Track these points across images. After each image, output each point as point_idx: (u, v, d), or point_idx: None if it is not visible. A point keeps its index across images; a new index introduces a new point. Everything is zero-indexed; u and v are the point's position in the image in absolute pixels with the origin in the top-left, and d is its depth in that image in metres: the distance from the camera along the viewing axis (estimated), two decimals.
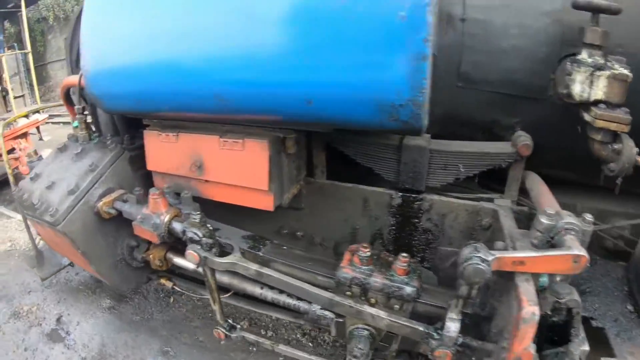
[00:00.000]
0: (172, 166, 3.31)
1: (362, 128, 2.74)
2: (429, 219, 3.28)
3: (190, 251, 3.01)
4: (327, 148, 3.45)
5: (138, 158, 3.74)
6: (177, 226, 3.12)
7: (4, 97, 10.92)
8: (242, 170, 2.97)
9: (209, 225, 3.09)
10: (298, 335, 4.70)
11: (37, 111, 10.25)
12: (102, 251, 3.70)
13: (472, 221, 3.11)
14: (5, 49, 11.03)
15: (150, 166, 3.50)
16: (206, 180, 3.20)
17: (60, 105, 5.92)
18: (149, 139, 3.39)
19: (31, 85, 11.05)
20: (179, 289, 4.10)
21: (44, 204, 3.43)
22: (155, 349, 4.56)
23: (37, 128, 10.60)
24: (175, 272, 4.16)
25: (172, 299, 5.13)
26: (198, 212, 3.04)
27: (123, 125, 3.89)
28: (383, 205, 3.40)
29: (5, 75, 10.33)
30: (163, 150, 3.31)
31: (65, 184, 3.45)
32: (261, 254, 3.34)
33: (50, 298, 5.56)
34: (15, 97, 10.36)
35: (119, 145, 3.70)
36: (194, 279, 4.16)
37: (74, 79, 3.80)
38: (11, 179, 4.95)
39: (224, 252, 3.14)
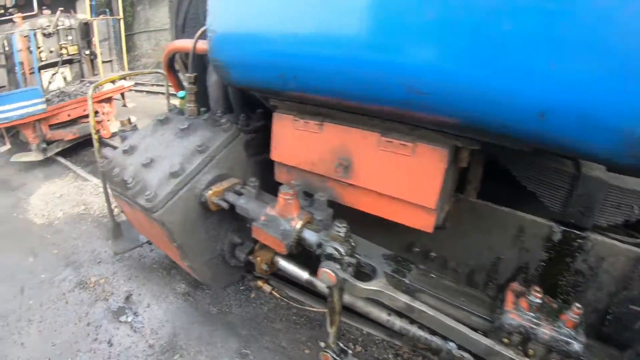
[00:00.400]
0: (307, 160, 2.85)
1: (580, 155, 2.17)
2: (585, 260, 2.81)
3: (326, 270, 2.46)
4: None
5: (254, 143, 3.32)
6: (311, 237, 2.59)
7: (92, 61, 10.95)
8: (404, 179, 2.45)
9: (352, 241, 2.56)
10: (390, 356, 4.18)
11: (124, 78, 10.22)
12: (200, 246, 3.27)
13: (631, 269, 2.65)
14: (97, 14, 11.06)
15: (275, 155, 3.06)
16: (351, 184, 2.72)
17: (153, 72, 5.65)
18: (280, 124, 2.94)
19: (120, 51, 11.00)
20: (278, 296, 3.63)
21: (139, 184, 3.01)
22: (233, 349, 4.14)
23: (122, 94, 10.57)
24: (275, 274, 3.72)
25: (252, 294, 4.71)
26: (344, 225, 2.50)
27: (238, 102, 3.43)
28: (539, 237, 2.89)
29: (95, 40, 10.34)
30: (298, 140, 2.85)
31: (167, 163, 3.02)
32: (407, 281, 2.82)
33: (121, 273, 5.27)
34: (103, 62, 10.34)
35: (234, 125, 3.28)
36: (289, 282, 3.70)
37: (183, 44, 3.42)
38: (96, 145, 4.65)
39: (360, 271, 2.63)
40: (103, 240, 6.01)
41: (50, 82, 10.30)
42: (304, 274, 3.05)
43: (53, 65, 10.31)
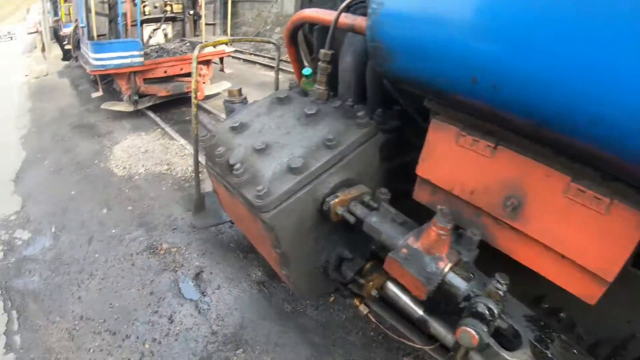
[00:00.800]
0: (464, 186, 2.21)
1: None
2: None
3: (470, 331, 1.86)
4: None
5: (388, 146, 2.73)
6: (459, 285, 1.98)
7: (195, 22, 10.80)
8: (586, 239, 1.78)
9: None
10: None
11: (226, 43, 9.99)
12: (305, 256, 2.67)
13: None
14: None
15: (422, 170, 2.41)
16: (514, 228, 2.08)
17: (266, 41, 5.15)
18: (438, 135, 2.29)
19: (225, 16, 10.77)
20: (373, 320, 3.00)
21: (248, 172, 2.45)
22: (302, 356, 3.58)
23: (221, 59, 10.34)
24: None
25: (332, 298, 4.17)
26: (506, 281, 1.90)
27: (376, 93, 2.80)
28: None
29: (202, 0, 10.10)
30: (458, 159, 2.20)
31: (287, 154, 2.44)
32: (549, 354, 2.15)
33: (195, 245, 4.84)
34: (206, 24, 10.11)
35: (372, 121, 2.66)
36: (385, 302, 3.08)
37: (315, 14, 2.81)
38: (194, 109, 4.18)
39: (498, 332, 2.01)
40: (180, 206, 5.65)
41: (150, 37, 10.25)
42: (418, 310, 2.44)
43: (155, 20, 10.26)
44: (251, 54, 16.58)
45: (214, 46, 9.30)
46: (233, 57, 12.11)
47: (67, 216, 5.65)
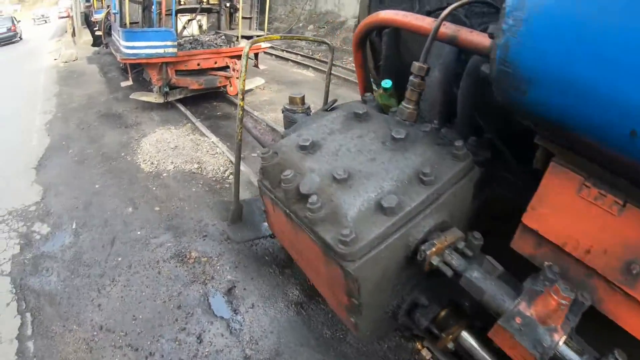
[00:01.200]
0: (579, 243, 1.76)
1: None
2: None
3: None
4: None
5: (481, 181, 2.27)
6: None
7: (231, 15, 10.45)
8: None
9: None
10: None
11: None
12: (379, 303, 2.20)
13: None
14: None
15: (530, 219, 1.93)
16: (632, 297, 1.64)
17: (319, 41, 4.66)
18: (555, 181, 1.83)
19: (261, 10, 10.39)
20: None
21: (326, 207, 1.92)
22: None
23: (256, 54, 9.94)
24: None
25: None
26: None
27: (468, 116, 2.35)
28: None
29: None
30: (577, 212, 1.75)
31: (374, 187, 1.95)
32: None
33: (227, 256, 4.41)
34: (243, 18, 9.72)
35: (469, 152, 2.16)
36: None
37: (397, 17, 2.33)
38: (240, 112, 3.66)
39: None
40: (212, 211, 5.24)
41: (184, 28, 9.90)
42: None
43: (190, 11, 9.90)
44: (283, 50, 16.20)
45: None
46: (265, 52, 11.67)
47: (90, 212, 5.28)
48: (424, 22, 2.24)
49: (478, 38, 2.05)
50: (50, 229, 5.00)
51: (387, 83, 2.59)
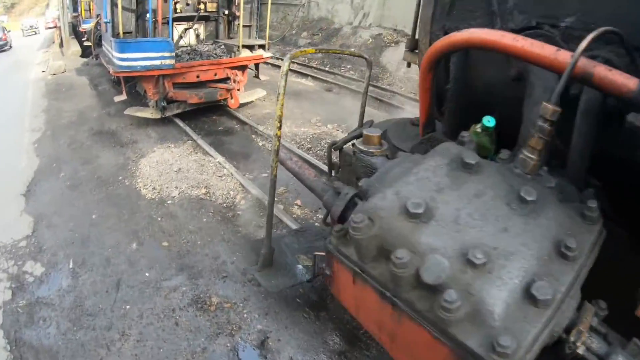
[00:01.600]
0: None
1: None
2: None
3: None
4: None
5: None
6: None
7: (230, 23, 9.88)
8: None
9: None
10: None
11: (262, 46, 9.12)
12: None
13: None
14: None
15: None
16: None
17: (357, 55, 3.96)
18: None
19: (260, 18, 9.87)
20: None
21: (468, 304, 1.40)
22: None
23: (257, 65, 9.39)
24: None
25: None
26: None
27: (580, 168, 1.91)
28: None
29: (240, 1, 9.11)
30: None
31: (517, 269, 1.45)
32: None
33: (254, 301, 3.84)
34: (244, 26, 9.13)
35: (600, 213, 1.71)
36: None
37: (500, 39, 1.83)
38: (275, 142, 2.99)
39: None
40: (229, 245, 4.67)
41: (181, 37, 9.30)
42: None
43: (187, 19, 9.29)
44: (278, 58, 15.66)
45: (251, 49, 8.47)
46: (265, 62, 11.13)
47: (88, 248, 4.67)
48: (543, 51, 1.72)
49: (620, 79, 1.54)
50: (45, 269, 4.40)
51: (490, 121, 2.07)
